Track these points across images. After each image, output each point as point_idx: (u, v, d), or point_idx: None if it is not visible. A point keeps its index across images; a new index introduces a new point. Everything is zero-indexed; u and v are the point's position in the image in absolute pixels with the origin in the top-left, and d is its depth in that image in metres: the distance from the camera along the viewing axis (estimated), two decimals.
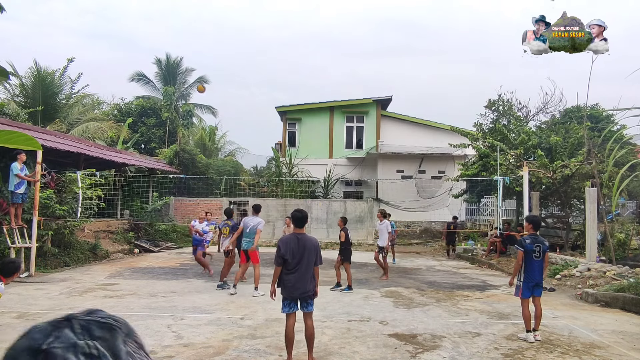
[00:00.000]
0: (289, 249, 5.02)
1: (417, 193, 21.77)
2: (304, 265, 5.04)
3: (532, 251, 6.25)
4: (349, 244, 10.07)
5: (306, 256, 5.07)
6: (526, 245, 6.28)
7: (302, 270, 5.04)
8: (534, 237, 6.36)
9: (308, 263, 5.08)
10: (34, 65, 21.84)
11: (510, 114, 19.65)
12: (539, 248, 6.26)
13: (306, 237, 5.18)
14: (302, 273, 5.04)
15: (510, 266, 13.88)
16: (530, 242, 6.29)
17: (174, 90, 30.39)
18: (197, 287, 9.88)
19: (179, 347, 5.58)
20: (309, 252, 5.08)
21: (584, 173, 14.32)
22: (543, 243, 6.33)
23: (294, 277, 5.03)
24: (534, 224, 6.65)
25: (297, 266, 5.03)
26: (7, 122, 14.10)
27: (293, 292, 5.04)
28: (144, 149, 28.10)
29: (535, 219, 6.88)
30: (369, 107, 24.93)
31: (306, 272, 5.07)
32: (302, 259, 5.04)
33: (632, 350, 5.91)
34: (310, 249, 5.10)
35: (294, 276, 5.02)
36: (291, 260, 5.02)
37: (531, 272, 6.27)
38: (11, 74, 20.96)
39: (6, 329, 6.15)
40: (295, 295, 5.05)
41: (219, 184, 23.10)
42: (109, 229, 16.41)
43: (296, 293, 5.04)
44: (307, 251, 5.08)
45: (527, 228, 6.71)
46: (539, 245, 6.28)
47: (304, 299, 5.12)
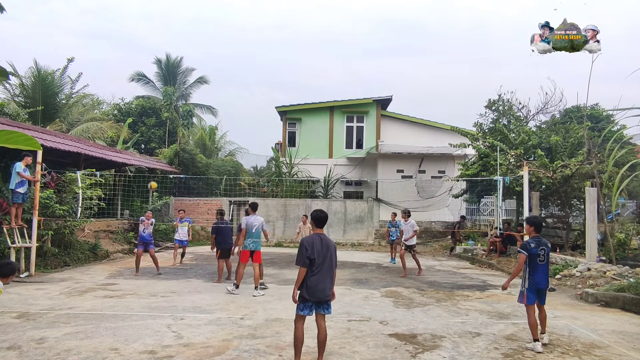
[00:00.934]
0: (315, 250, 4.92)
1: (417, 193, 21.77)
2: (326, 266, 4.97)
3: (537, 255, 5.93)
4: None
5: (329, 257, 5.00)
6: (531, 249, 5.93)
7: (324, 272, 4.95)
8: (538, 240, 6.01)
9: (330, 265, 5.01)
10: (34, 65, 21.89)
11: (510, 113, 19.64)
12: (544, 251, 5.95)
13: (328, 239, 5.12)
14: (324, 275, 4.95)
15: (511, 266, 13.87)
16: (535, 245, 5.94)
17: (174, 90, 30.42)
18: (197, 287, 9.88)
19: (179, 347, 5.58)
20: (331, 254, 5.03)
21: (584, 173, 14.32)
22: (547, 245, 6.03)
23: (316, 279, 4.91)
24: (536, 226, 6.26)
25: (321, 267, 4.94)
26: (7, 122, 14.11)
27: (316, 294, 4.91)
28: (144, 149, 28.12)
29: (537, 220, 6.47)
30: (369, 107, 24.94)
31: (327, 274, 4.99)
32: (325, 260, 4.96)
33: (632, 350, 5.91)
34: (332, 251, 5.06)
35: (316, 278, 4.92)
36: (317, 261, 4.93)
37: (536, 276, 5.93)
38: (11, 74, 20.97)
39: (6, 329, 6.15)
40: (318, 297, 4.93)
41: (219, 184, 23.12)
42: (109, 228, 16.42)
43: (320, 295, 4.93)
44: (330, 252, 5.02)
45: (528, 230, 6.33)
46: (544, 248, 5.96)
47: (324, 302, 5.01)
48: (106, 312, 7.34)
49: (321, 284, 4.91)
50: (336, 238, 21.24)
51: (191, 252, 16.68)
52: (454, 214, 22.02)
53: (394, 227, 15.15)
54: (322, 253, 4.96)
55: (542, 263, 5.93)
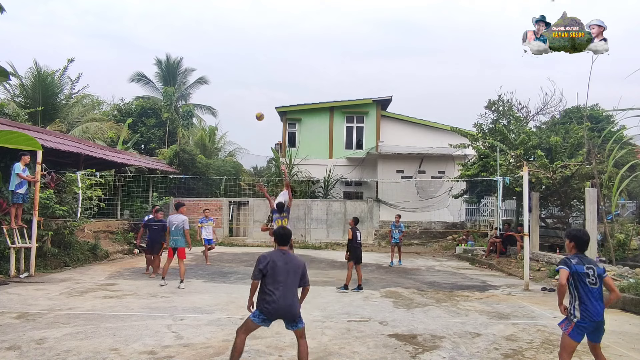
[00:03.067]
0: (269, 265, 4.60)
1: (417, 193, 21.79)
2: (288, 283, 4.61)
3: (585, 275, 4.33)
4: (356, 243, 10.01)
5: (291, 274, 4.65)
6: (573, 265, 4.36)
7: (285, 289, 4.58)
8: (582, 257, 4.48)
9: (293, 282, 4.66)
10: (34, 66, 21.88)
11: (510, 114, 19.66)
12: (592, 271, 4.35)
13: (292, 256, 4.80)
14: (285, 292, 4.57)
15: (511, 266, 13.88)
16: (577, 262, 4.40)
17: (174, 90, 30.42)
18: (196, 287, 9.88)
19: (178, 348, 5.58)
20: (294, 271, 4.68)
21: (583, 173, 14.32)
22: (596, 265, 4.44)
23: (275, 296, 4.53)
24: (577, 242, 4.58)
25: (283, 284, 4.58)
26: (7, 122, 14.11)
27: (277, 312, 4.56)
28: (144, 149, 28.12)
29: (579, 234, 4.65)
30: (369, 107, 24.94)
31: (289, 291, 4.62)
32: (287, 277, 4.62)
33: (632, 350, 5.90)
34: (295, 268, 4.69)
35: (275, 295, 4.53)
36: (278, 277, 4.59)
37: (589, 305, 4.26)
38: (11, 74, 20.99)
39: (6, 329, 6.15)
40: (279, 315, 4.59)
41: (219, 184, 23.12)
42: (108, 229, 16.41)
43: (281, 313, 4.57)
44: (290, 269, 4.66)
45: (568, 247, 4.69)
46: (592, 267, 4.38)
47: (289, 319, 4.66)
48: (106, 312, 7.34)
49: (281, 301, 4.53)
50: (336, 238, 21.25)
51: (191, 253, 16.67)
52: (454, 215, 22.04)
53: (397, 228, 15.01)
54: (283, 270, 4.61)
55: (595, 287, 4.31)
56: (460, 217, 22.49)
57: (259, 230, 21.09)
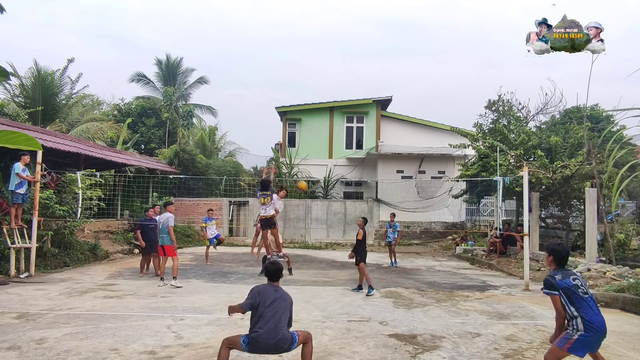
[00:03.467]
0: (259, 299, 4.44)
1: (417, 193, 21.79)
2: (274, 320, 4.37)
3: (574, 286, 4.10)
4: (365, 244, 10.00)
5: (279, 310, 4.43)
6: (559, 282, 4.13)
7: (275, 326, 4.36)
8: (564, 272, 4.23)
9: (282, 319, 4.43)
10: (34, 66, 21.87)
11: (510, 114, 19.66)
12: (579, 281, 4.15)
13: (282, 292, 4.61)
14: (270, 329, 4.34)
15: (511, 267, 13.88)
16: (562, 277, 4.15)
17: (174, 90, 30.42)
18: (196, 287, 9.88)
19: (178, 348, 5.58)
20: (280, 306, 4.45)
21: (583, 173, 14.32)
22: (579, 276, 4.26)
23: (260, 332, 4.33)
24: (555, 256, 4.33)
25: (271, 321, 4.36)
26: (7, 122, 14.11)
27: (262, 347, 4.37)
28: (144, 149, 28.11)
29: (558, 248, 4.35)
30: (369, 107, 24.95)
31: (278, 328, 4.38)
32: (275, 313, 4.40)
33: (632, 350, 5.90)
34: (282, 303, 4.48)
35: (261, 330, 4.33)
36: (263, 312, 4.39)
37: (592, 316, 4.02)
38: (11, 74, 20.93)
39: (6, 330, 6.15)
40: (262, 352, 4.45)
41: (219, 184, 23.13)
42: (108, 229, 16.42)
43: (264, 350, 4.40)
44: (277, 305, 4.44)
45: (547, 261, 4.44)
46: (577, 277, 4.19)
47: (280, 352, 4.50)
48: (106, 312, 7.34)
49: (269, 339, 4.31)
50: (336, 238, 21.26)
51: (191, 253, 16.69)
52: (454, 215, 22.05)
53: (391, 227, 14.92)
54: (272, 307, 4.40)
55: (588, 296, 4.10)
56: (460, 217, 22.50)
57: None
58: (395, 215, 15.57)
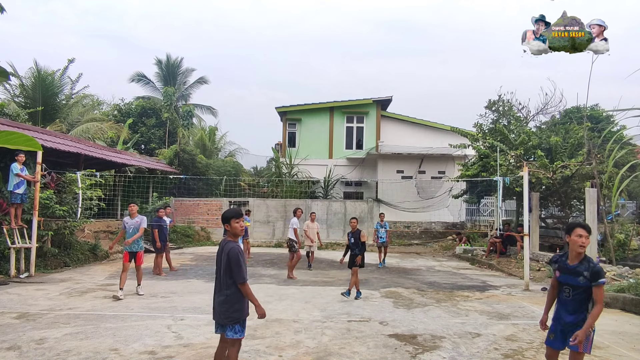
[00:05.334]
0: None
1: (417, 193, 21.78)
2: (219, 279, 4.16)
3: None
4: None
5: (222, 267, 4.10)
6: None
7: (217, 286, 4.17)
8: None
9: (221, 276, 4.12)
10: (34, 66, 21.89)
11: (511, 114, 19.65)
12: None
13: (229, 244, 4.12)
14: (216, 289, 4.17)
15: (511, 266, 13.89)
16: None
17: (174, 90, 30.42)
18: (196, 287, 9.87)
19: (179, 348, 5.58)
20: (224, 263, 4.07)
21: (584, 173, 14.32)
22: None
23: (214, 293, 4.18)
24: None
25: (216, 278, 4.16)
26: (7, 123, 14.11)
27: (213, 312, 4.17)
28: (144, 149, 28.12)
29: None
30: (369, 107, 24.95)
31: (218, 288, 4.14)
32: (219, 269, 4.15)
33: (632, 350, 5.90)
34: (224, 259, 4.07)
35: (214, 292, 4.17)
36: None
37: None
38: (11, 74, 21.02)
39: (6, 330, 6.15)
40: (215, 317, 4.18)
41: (219, 185, 23.12)
42: (108, 229, 16.42)
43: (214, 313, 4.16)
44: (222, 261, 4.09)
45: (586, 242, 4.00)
46: None
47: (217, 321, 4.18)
48: (106, 312, 7.34)
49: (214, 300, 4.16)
50: (336, 238, 21.24)
51: (191, 253, 16.68)
52: (454, 215, 22.03)
53: (382, 227, 14.58)
54: (218, 261, 4.19)
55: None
56: (460, 217, 22.48)
57: (259, 230, 21.11)
58: (385, 216, 15.51)
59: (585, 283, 3.81)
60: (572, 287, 3.89)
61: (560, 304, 4.00)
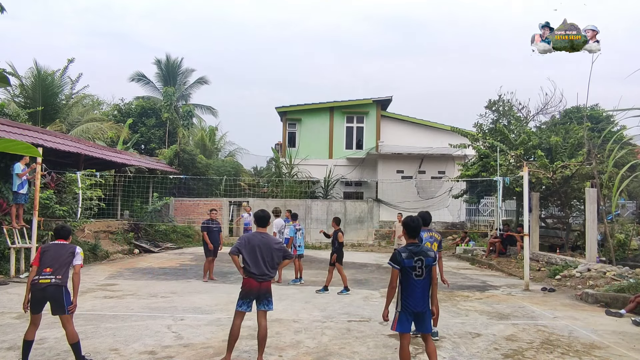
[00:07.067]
0: (246, 245, 5.18)
1: (417, 193, 21.78)
2: (260, 263, 5.14)
3: (412, 268, 4.50)
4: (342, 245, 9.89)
5: (265, 252, 5.17)
6: (404, 261, 4.50)
7: (259, 266, 5.14)
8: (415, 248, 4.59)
9: (264, 261, 5.17)
10: (34, 66, 21.86)
11: (511, 114, 19.65)
12: (421, 262, 4.52)
13: (267, 236, 5.37)
14: (258, 269, 5.15)
15: (511, 266, 13.90)
16: (407, 255, 4.51)
17: (174, 90, 30.40)
18: (196, 287, 9.88)
19: (179, 348, 5.58)
20: (264, 249, 5.19)
21: (584, 173, 14.32)
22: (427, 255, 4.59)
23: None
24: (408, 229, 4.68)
25: (255, 262, 5.12)
26: (7, 123, 14.09)
27: (251, 291, 5.13)
28: (144, 149, 28.11)
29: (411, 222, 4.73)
30: (369, 107, 24.95)
31: (264, 267, 5.19)
32: (262, 255, 5.16)
33: (632, 350, 5.90)
34: (266, 246, 5.20)
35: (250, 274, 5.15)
36: (249, 257, 5.13)
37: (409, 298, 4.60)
38: (11, 74, 20.93)
39: (6, 329, 6.15)
40: (253, 293, 5.13)
41: (219, 185, 23.12)
42: (109, 229, 16.41)
43: (254, 290, 5.12)
44: (261, 248, 5.18)
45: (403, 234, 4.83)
46: (421, 258, 4.53)
47: (261, 298, 5.16)
48: (106, 312, 7.34)
49: (254, 278, 5.09)
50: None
51: (191, 253, 16.70)
52: (454, 215, 22.02)
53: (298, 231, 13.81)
54: (258, 250, 5.13)
55: (420, 279, 4.52)
56: (460, 217, 22.48)
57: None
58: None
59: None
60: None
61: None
